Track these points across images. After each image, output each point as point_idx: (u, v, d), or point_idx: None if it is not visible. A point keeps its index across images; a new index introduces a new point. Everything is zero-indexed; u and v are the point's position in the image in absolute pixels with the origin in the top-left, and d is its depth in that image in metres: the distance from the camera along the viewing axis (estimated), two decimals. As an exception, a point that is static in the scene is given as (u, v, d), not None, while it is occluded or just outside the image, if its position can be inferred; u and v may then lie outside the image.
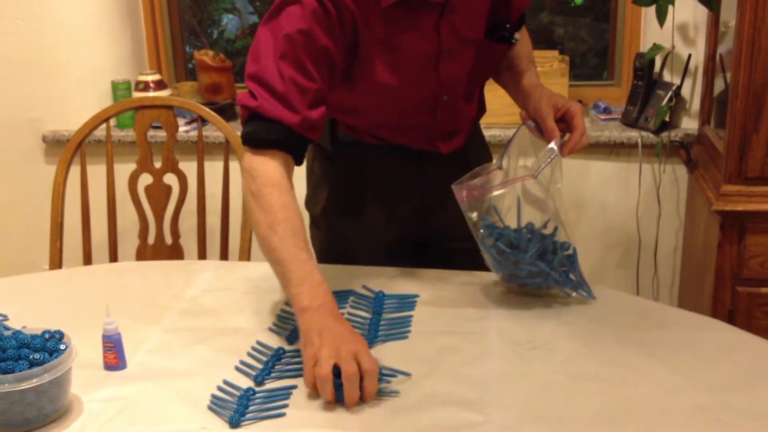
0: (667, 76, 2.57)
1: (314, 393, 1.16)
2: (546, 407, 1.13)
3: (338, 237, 1.69)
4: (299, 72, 1.34)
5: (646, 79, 2.55)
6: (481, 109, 1.71)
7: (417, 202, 1.64)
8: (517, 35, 1.53)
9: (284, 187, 1.35)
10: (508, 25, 1.52)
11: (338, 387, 1.14)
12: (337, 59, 1.38)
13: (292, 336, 1.33)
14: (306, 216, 1.64)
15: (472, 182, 1.38)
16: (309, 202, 1.72)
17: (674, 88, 2.51)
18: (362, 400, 1.15)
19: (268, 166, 1.36)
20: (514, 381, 1.20)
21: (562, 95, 1.46)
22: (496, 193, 1.38)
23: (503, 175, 1.39)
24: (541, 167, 1.36)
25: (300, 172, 1.64)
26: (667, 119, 2.53)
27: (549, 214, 1.41)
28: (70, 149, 2.01)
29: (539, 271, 1.40)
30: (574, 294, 1.43)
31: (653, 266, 2.71)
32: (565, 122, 1.42)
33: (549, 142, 1.40)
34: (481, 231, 1.40)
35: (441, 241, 1.70)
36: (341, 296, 1.46)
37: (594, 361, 1.25)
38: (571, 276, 1.43)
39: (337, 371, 1.14)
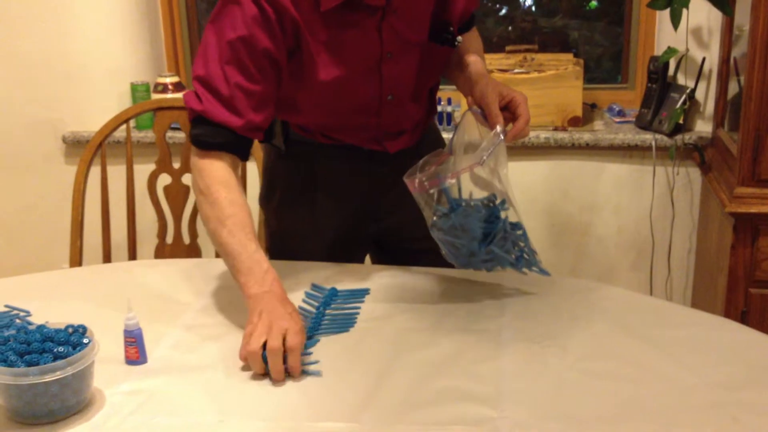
0: (681, 79, 2.58)
1: (246, 366, 1.25)
2: (560, 404, 1.14)
3: (290, 232, 1.74)
4: (243, 76, 1.40)
5: (660, 82, 2.56)
6: (432, 110, 1.73)
7: (369, 199, 1.67)
8: (460, 38, 1.56)
9: (232, 184, 1.42)
10: (451, 28, 1.55)
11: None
12: (279, 59, 1.43)
13: (308, 333, 1.35)
14: (260, 214, 1.78)
15: (422, 173, 1.39)
16: (263, 199, 1.78)
17: (688, 91, 2.52)
18: (289, 374, 1.23)
19: (215, 166, 1.43)
20: (528, 378, 1.21)
21: (508, 85, 1.48)
22: (446, 183, 1.38)
23: (452, 162, 1.40)
24: (486, 154, 1.37)
25: (256, 171, 1.70)
26: (680, 122, 2.54)
27: (499, 196, 1.42)
28: (91, 150, 2.03)
29: (493, 257, 1.42)
30: (528, 271, 1.46)
31: (667, 268, 2.72)
32: (509, 111, 1.45)
33: (492, 127, 1.41)
34: (434, 220, 1.41)
35: (403, 240, 1.74)
36: (357, 293, 1.49)
37: (608, 359, 1.26)
38: (525, 255, 1.44)
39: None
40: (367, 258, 1.84)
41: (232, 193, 1.41)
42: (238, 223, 1.39)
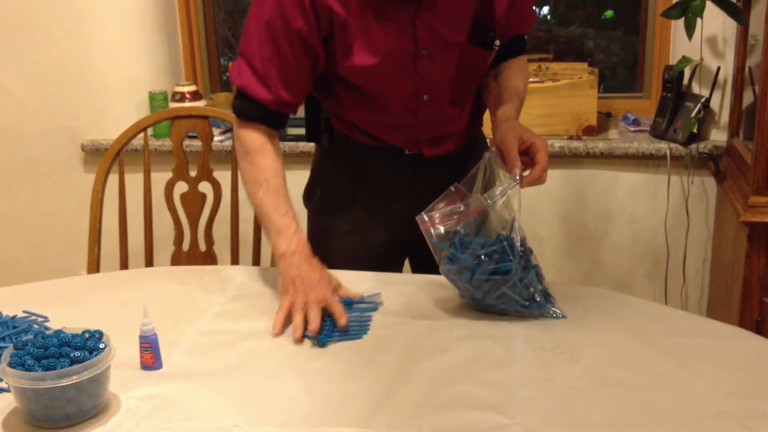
0: (695, 89, 2.58)
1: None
2: (571, 411, 1.15)
3: (328, 231, 1.76)
4: (277, 55, 1.51)
5: (675, 91, 2.56)
6: (478, 119, 1.74)
7: (407, 205, 1.66)
8: (497, 42, 1.59)
9: (267, 151, 1.56)
10: (492, 33, 1.57)
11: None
12: (314, 43, 1.51)
13: (322, 340, 1.36)
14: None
15: (433, 213, 1.42)
16: (306, 196, 1.83)
17: (703, 100, 2.52)
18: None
19: (252, 135, 1.57)
20: (540, 385, 1.21)
21: (531, 130, 1.49)
22: (455, 223, 1.40)
23: (465, 202, 1.41)
24: (497, 197, 1.39)
25: (305, 168, 1.80)
26: (695, 131, 2.54)
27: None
28: (109, 158, 2.05)
29: (502, 301, 1.42)
30: (543, 315, 1.43)
31: (682, 278, 2.71)
32: (528, 156, 1.46)
33: (510, 171, 1.43)
34: (444, 266, 1.43)
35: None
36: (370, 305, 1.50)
37: (620, 366, 1.26)
38: (536, 299, 1.43)
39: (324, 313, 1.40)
40: (381, 266, 1.84)
41: (267, 159, 1.55)
42: (272, 187, 1.53)
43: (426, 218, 1.42)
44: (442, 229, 1.41)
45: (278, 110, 1.56)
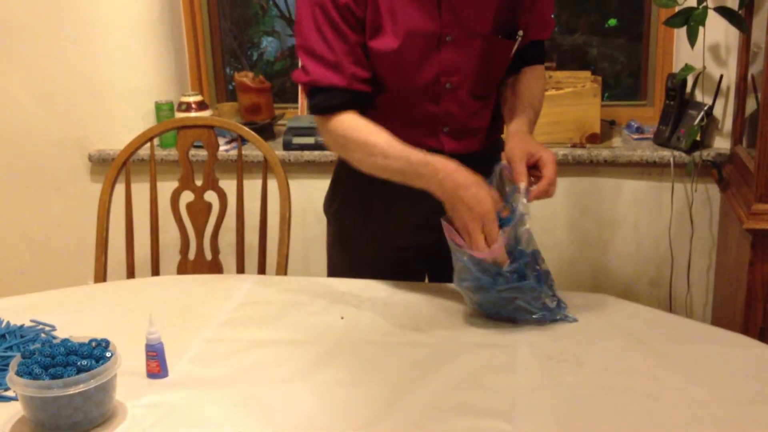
0: (699, 96, 2.59)
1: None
2: (575, 419, 1.15)
3: (348, 237, 1.76)
4: (337, 35, 1.50)
5: (678, 99, 2.57)
6: (497, 120, 1.74)
7: (427, 210, 1.65)
8: (520, 32, 1.60)
9: (361, 124, 1.53)
10: (515, 26, 1.59)
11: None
12: (360, 14, 1.51)
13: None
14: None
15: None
16: (326, 203, 1.82)
17: (706, 108, 2.52)
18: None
19: (342, 123, 1.53)
20: (543, 393, 1.22)
21: (540, 144, 1.51)
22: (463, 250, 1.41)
23: None
24: (511, 221, 1.42)
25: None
26: (698, 139, 2.54)
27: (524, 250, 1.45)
28: (116, 167, 2.07)
29: (514, 310, 1.44)
30: (556, 321, 1.45)
31: (686, 285, 2.71)
32: (537, 169, 1.48)
33: (516, 184, 1.45)
34: (456, 272, 1.44)
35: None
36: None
37: (623, 374, 1.27)
38: (548, 306, 1.44)
39: None
40: (402, 273, 1.79)
41: (365, 130, 1.52)
42: (386, 145, 1.49)
43: (448, 223, 1.43)
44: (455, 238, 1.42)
45: (357, 89, 1.54)
